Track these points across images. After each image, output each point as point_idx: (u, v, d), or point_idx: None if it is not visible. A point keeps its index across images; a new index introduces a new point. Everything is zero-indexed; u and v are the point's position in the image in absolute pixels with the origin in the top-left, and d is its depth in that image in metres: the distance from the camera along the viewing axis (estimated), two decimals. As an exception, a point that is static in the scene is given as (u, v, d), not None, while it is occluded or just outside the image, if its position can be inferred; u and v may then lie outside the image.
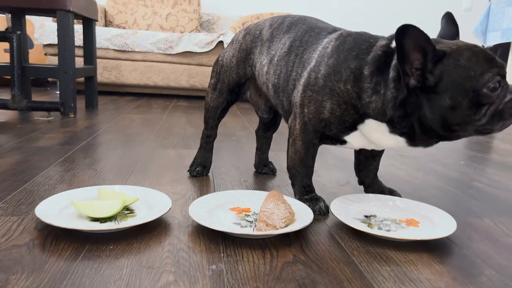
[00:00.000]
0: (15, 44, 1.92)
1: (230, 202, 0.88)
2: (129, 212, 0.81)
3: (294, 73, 0.91)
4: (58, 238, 0.70)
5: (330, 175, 1.21)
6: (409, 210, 0.89)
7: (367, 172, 1.04)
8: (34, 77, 2.66)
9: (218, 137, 1.25)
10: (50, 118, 1.98)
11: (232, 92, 1.10)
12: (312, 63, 0.86)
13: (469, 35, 2.80)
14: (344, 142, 0.88)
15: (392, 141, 0.82)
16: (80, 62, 2.57)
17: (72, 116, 2.06)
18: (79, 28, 2.88)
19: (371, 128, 0.82)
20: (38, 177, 1.05)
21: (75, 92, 2.09)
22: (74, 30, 2.90)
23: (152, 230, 0.76)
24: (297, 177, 0.93)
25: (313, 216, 0.81)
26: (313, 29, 0.94)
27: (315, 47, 0.89)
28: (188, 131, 1.83)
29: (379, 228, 0.80)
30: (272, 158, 1.34)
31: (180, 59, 3.22)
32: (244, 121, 2.23)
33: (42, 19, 3.40)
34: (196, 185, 1.05)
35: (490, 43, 2.99)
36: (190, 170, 1.15)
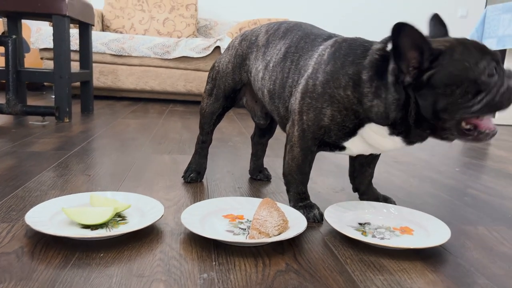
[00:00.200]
0: (10, 48, 1.92)
1: (224, 209, 0.87)
2: (121, 219, 0.80)
3: (290, 80, 0.91)
4: (48, 246, 0.70)
5: (325, 182, 1.21)
6: (404, 218, 0.89)
7: (362, 179, 1.03)
8: (30, 81, 2.65)
9: (214, 143, 1.25)
10: (45, 123, 1.97)
11: (228, 98, 1.10)
12: (309, 70, 0.86)
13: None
14: (343, 148, 0.87)
15: (391, 143, 0.82)
16: (76, 67, 2.57)
17: (67, 121, 2.05)
18: (76, 33, 2.88)
19: (371, 132, 0.82)
20: (30, 183, 1.04)
21: (71, 97, 2.09)
22: (71, 35, 2.91)
23: (144, 238, 0.75)
24: (293, 184, 0.92)
25: (307, 224, 0.81)
26: (309, 36, 0.94)
27: (311, 54, 0.89)
28: (184, 136, 1.82)
29: (373, 236, 0.80)
30: (268, 164, 1.33)
31: (177, 64, 3.22)
32: (241, 127, 2.22)
33: (39, 23, 3.40)
34: (190, 192, 1.05)
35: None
36: (185, 176, 1.14)
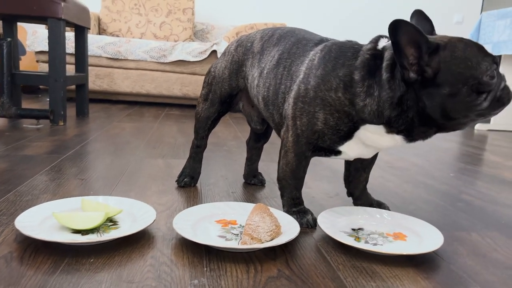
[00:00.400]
0: (5, 51, 1.91)
1: (216, 214, 0.87)
2: (113, 224, 0.80)
3: (283, 86, 0.91)
4: (38, 251, 0.69)
5: (320, 187, 1.21)
6: (397, 224, 0.89)
7: (357, 184, 1.03)
8: (24, 84, 2.64)
9: (209, 147, 1.24)
10: (39, 126, 1.96)
11: (224, 103, 1.10)
12: (301, 76, 0.86)
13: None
14: (339, 153, 0.87)
15: (390, 141, 0.82)
16: (72, 70, 2.56)
17: (62, 124, 2.04)
18: (72, 36, 2.87)
19: (368, 132, 0.82)
20: (22, 187, 1.03)
21: (65, 100, 2.08)
22: (67, 38, 2.90)
23: (135, 243, 0.74)
24: (287, 189, 0.92)
25: (300, 229, 0.80)
26: (301, 41, 0.94)
27: (302, 60, 0.89)
28: (179, 141, 1.82)
29: (366, 242, 0.79)
30: (262, 169, 1.33)
31: (173, 68, 3.22)
32: (236, 131, 2.22)
33: (36, 26, 3.39)
34: (183, 196, 1.04)
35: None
36: (178, 181, 1.14)
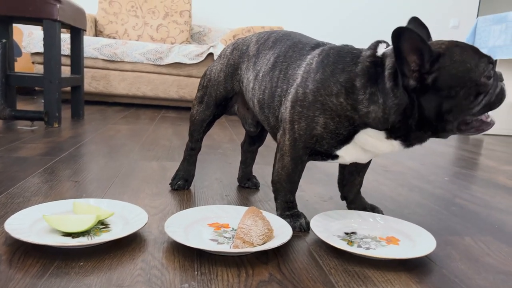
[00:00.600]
0: (0, 52, 1.90)
1: (209, 218, 0.86)
2: (104, 227, 0.79)
3: (279, 89, 0.90)
4: (27, 254, 0.68)
5: (314, 190, 1.20)
6: (390, 228, 0.89)
7: (351, 188, 1.03)
8: (19, 86, 2.63)
9: (204, 149, 1.24)
10: (34, 128, 1.95)
11: (219, 106, 1.09)
12: (298, 79, 0.86)
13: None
14: (336, 157, 0.87)
15: (388, 146, 0.82)
16: (68, 71, 2.55)
17: (57, 126, 2.03)
18: (68, 37, 2.86)
19: (367, 136, 0.82)
20: (14, 189, 1.02)
21: (60, 102, 2.07)
22: (63, 40, 2.90)
23: (126, 246, 0.74)
24: (281, 192, 0.92)
25: (293, 233, 0.80)
26: (297, 45, 0.94)
27: (299, 63, 0.89)
28: (174, 143, 1.81)
29: (359, 246, 0.79)
30: (257, 172, 1.32)
31: (170, 70, 3.21)
32: (232, 133, 2.22)
33: (31, 27, 3.38)
34: (176, 199, 1.04)
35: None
36: (172, 184, 1.13)
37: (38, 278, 0.61)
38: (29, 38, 3.03)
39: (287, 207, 0.92)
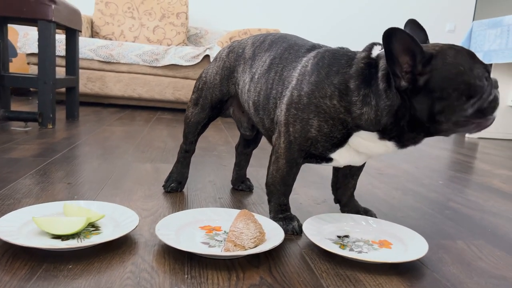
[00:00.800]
0: (-6, 53, 1.89)
1: (201, 220, 0.86)
2: (94, 229, 0.78)
3: (274, 91, 0.90)
4: (15, 256, 0.67)
5: (308, 193, 1.20)
6: (383, 231, 0.88)
7: (345, 191, 1.03)
8: (13, 87, 2.62)
9: (199, 152, 1.23)
10: (28, 129, 1.94)
11: (214, 109, 1.09)
12: (293, 82, 0.86)
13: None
14: (330, 160, 0.87)
15: (382, 147, 0.82)
16: (63, 72, 2.54)
17: (51, 127, 2.02)
18: (63, 38, 2.86)
19: (361, 139, 0.81)
20: (5, 190, 1.01)
21: (55, 103, 2.06)
22: (58, 40, 2.89)
23: (116, 249, 0.73)
24: (275, 195, 0.91)
25: (285, 236, 0.80)
26: (293, 47, 0.94)
27: (295, 65, 0.89)
28: (169, 145, 1.81)
29: (351, 249, 0.79)
30: (251, 174, 1.32)
31: (166, 72, 3.21)
32: (227, 136, 2.21)
33: (27, 28, 3.37)
34: (169, 202, 1.03)
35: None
36: (165, 186, 1.13)
37: (26, 281, 0.60)
38: (25, 39, 3.02)
39: (280, 210, 0.91)
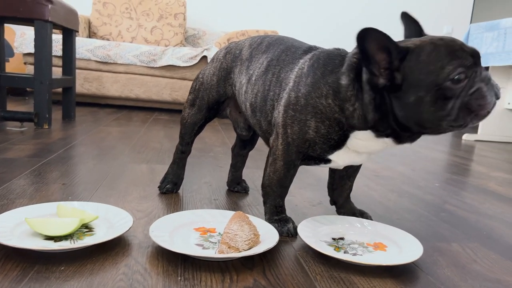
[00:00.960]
0: (-10, 52, 1.88)
1: (195, 222, 0.85)
2: (88, 230, 0.78)
3: (272, 93, 0.90)
4: (7, 258, 0.67)
5: (304, 195, 1.20)
6: (378, 234, 0.88)
7: (341, 192, 1.02)
8: (9, 86, 2.61)
9: (195, 152, 1.23)
10: (23, 129, 1.93)
11: (211, 110, 1.09)
12: (290, 84, 0.86)
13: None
14: (329, 161, 0.86)
15: (381, 144, 0.81)
16: (60, 73, 2.54)
17: (47, 127, 2.01)
18: (60, 38, 2.85)
19: (357, 140, 0.81)
20: (-1, 191, 1.01)
21: (51, 103, 2.05)
22: (56, 40, 2.88)
23: (110, 250, 0.72)
24: (271, 196, 0.91)
25: (279, 238, 0.79)
26: (290, 49, 0.94)
27: (292, 67, 0.89)
28: (165, 146, 1.80)
29: (345, 252, 0.78)
30: (247, 176, 1.32)
31: (163, 73, 3.20)
32: (224, 137, 2.21)
33: (24, 28, 3.35)
34: (164, 203, 1.02)
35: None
36: (160, 187, 1.12)
37: (17, 283, 0.60)
38: (21, 39, 3.01)
39: (276, 212, 0.91)
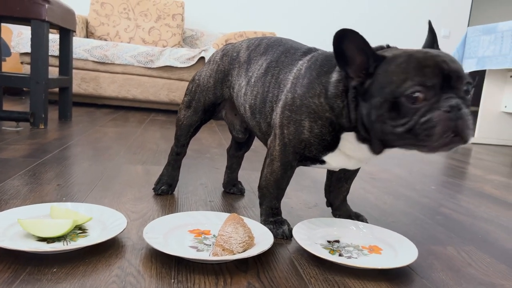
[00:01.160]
0: (-14, 52, 1.87)
1: (190, 224, 0.85)
2: (81, 232, 0.77)
3: (271, 94, 0.90)
4: (-1, 259, 0.66)
5: (300, 197, 1.19)
6: (373, 236, 0.88)
7: (337, 194, 1.02)
8: (5, 86, 2.60)
9: (191, 154, 1.23)
10: (19, 129, 1.92)
11: (207, 112, 1.08)
12: (288, 85, 0.86)
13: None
14: (323, 162, 0.86)
15: (360, 151, 0.80)
16: (57, 72, 2.53)
17: (43, 127, 2.00)
18: (57, 38, 2.84)
19: (347, 142, 0.81)
20: (-8, 191, 1.00)
21: (47, 103, 2.04)
22: (53, 40, 2.87)
23: (103, 252, 0.72)
24: (267, 198, 0.91)
25: (274, 241, 0.79)
26: (289, 50, 0.94)
27: (291, 68, 0.89)
28: (161, 147, 1.79)
29: (340, 255, 0.78)
30: (243, 177, 1.31)
31: (160, 73, 3.20)
32: (221, 138, 2.20)
33: (21, 27, 3.34)
34: (158, 204, 1.02)
35: (466, 70, 3.07)
36: (155, 188, 1.12)
37: (9, 284, 0.59)
38: (18, 38, 3.00)
39: (272, 214, 0.91)
